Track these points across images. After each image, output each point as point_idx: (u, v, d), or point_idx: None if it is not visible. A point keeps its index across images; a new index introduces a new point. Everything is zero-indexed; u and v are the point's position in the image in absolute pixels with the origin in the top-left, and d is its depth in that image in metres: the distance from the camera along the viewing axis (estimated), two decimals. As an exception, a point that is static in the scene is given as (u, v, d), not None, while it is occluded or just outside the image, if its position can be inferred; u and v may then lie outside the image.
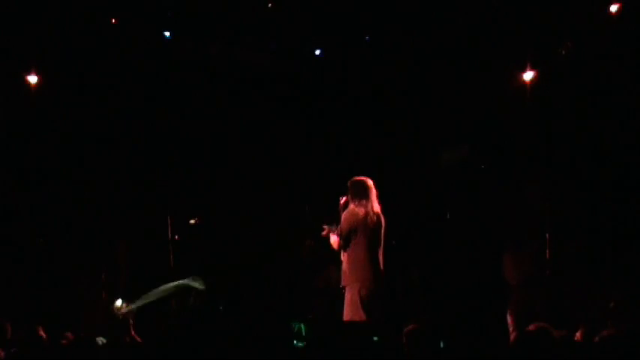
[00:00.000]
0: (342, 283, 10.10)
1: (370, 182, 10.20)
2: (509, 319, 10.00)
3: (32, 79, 11.63)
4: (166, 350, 5.80)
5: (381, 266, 9.98)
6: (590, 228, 11.18)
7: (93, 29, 11.70)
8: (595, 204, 11.29)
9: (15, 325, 7.75)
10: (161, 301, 10.97)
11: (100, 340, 6.77)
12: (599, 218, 11.19)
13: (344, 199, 10.14)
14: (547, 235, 10.54)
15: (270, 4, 11.75)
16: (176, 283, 11.11)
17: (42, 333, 7.03)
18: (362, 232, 10.01)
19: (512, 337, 9.50)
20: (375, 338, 5.75)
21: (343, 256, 10.18)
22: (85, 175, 11.91)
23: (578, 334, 7.12)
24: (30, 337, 6.91)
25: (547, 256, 10.26)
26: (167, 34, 12.20)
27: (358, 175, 10.19)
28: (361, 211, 10.05)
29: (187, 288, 11.14)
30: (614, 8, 10.27)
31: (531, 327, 6.78)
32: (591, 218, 11.24)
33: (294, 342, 10.15)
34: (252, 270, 11.95)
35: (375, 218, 10.07)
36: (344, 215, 10.08)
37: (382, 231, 10.12)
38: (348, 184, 10.09)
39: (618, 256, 10.78)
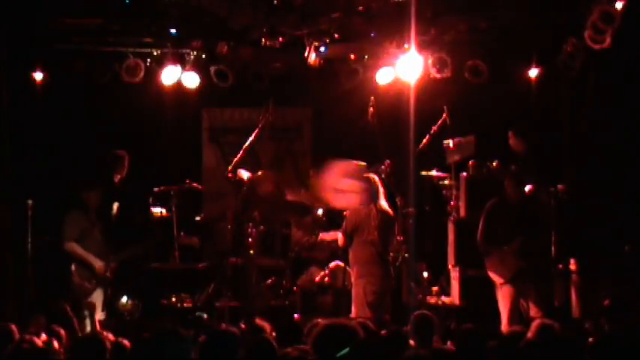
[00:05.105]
0: (351, 280, 10.16)
1: (376, 179, 10.20)
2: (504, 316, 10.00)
3: (38, 76, 11.72)
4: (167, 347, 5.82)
5: (389, 263, 10.00)
6: (590, 226, 11.21)
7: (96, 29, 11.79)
8: (598, 202, 11.31)
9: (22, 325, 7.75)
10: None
11: (107, 337, 6.76)
12: (599, 216, 11.21)
13: (350, 197, 10.16)
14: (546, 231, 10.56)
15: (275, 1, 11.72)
16: None
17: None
18: (365, 229, 10.02)
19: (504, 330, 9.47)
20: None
21: (349, 254, 10.22)
22: (91, 171, 11.93)
23: None
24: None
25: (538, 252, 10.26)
26: (173, 30, 12.21)
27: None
28: (365, 208, 10.06)
29: None
30: (619, 5, 10.25)
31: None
32: (592, 216, 11.26)
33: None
34: (255, 266, 11.92)
35: (381, 215, 10.06)
36: (348, 213, 10.09)
37: (390, 228, 10.13)
38: None
39: (614, 254, 10.80)
